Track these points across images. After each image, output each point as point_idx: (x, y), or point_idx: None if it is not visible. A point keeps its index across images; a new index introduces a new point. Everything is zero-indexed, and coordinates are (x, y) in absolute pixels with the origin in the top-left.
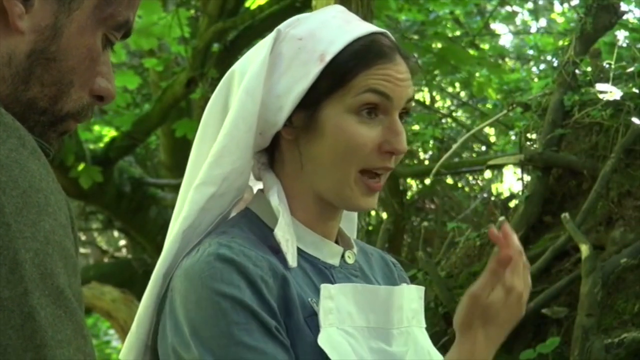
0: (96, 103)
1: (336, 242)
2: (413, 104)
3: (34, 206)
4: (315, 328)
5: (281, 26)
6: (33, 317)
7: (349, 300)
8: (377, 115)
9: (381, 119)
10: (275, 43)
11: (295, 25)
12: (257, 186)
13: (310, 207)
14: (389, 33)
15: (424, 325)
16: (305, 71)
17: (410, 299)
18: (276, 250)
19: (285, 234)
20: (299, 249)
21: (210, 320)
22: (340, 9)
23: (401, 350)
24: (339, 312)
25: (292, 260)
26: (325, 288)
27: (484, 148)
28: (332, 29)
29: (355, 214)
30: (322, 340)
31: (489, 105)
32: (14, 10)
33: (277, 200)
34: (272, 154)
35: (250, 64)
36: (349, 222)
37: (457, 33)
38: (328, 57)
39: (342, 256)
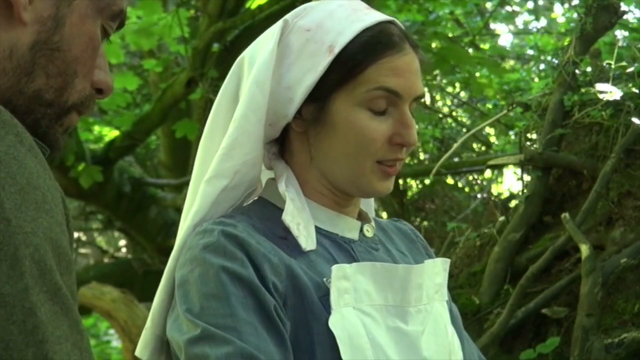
0: (96, 97)
1: None
2: (424, 96)
3: (32, 203)
4: (330, 308)
5: (288, 16)
6: (34, 313)
7: (367, 279)
8: (387, 108)
9: (391, 112)
10: (283, 34)
11: (303, 16)
12: (268, 176)
13: (324, 193)
14: (397, 21)
15: (446, 298)
16: (314, 63)
17: (435, 273)
18: (288, 230)
19: (296, 218)
20: (316, 227)
21: (211, 293)
22: None
23: (417, 329)
24: (355, 291)
25: (305, 242)
26: (338, 268)
27: (484, 148)
28: (340, 19)
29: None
30: (333, 322)
31: (489, 105)
32: (19, 1)
33: (283, 187)
34: (282, 143)
35: (259, 53)
36: (367, 206)
37: (457, 33)
38: (337, 49)
39: (361, 230)
